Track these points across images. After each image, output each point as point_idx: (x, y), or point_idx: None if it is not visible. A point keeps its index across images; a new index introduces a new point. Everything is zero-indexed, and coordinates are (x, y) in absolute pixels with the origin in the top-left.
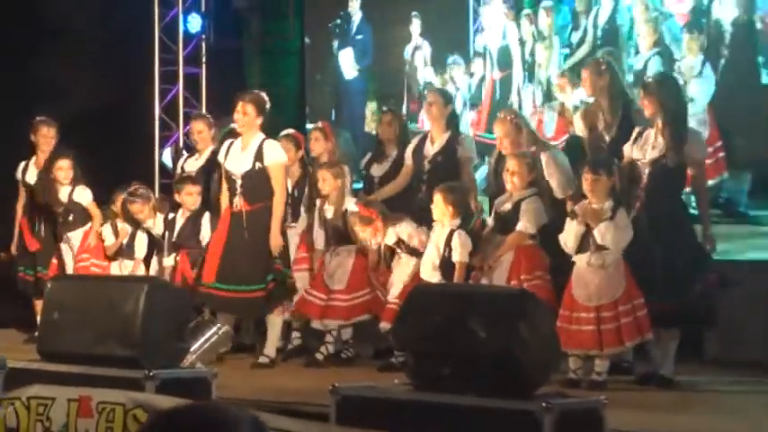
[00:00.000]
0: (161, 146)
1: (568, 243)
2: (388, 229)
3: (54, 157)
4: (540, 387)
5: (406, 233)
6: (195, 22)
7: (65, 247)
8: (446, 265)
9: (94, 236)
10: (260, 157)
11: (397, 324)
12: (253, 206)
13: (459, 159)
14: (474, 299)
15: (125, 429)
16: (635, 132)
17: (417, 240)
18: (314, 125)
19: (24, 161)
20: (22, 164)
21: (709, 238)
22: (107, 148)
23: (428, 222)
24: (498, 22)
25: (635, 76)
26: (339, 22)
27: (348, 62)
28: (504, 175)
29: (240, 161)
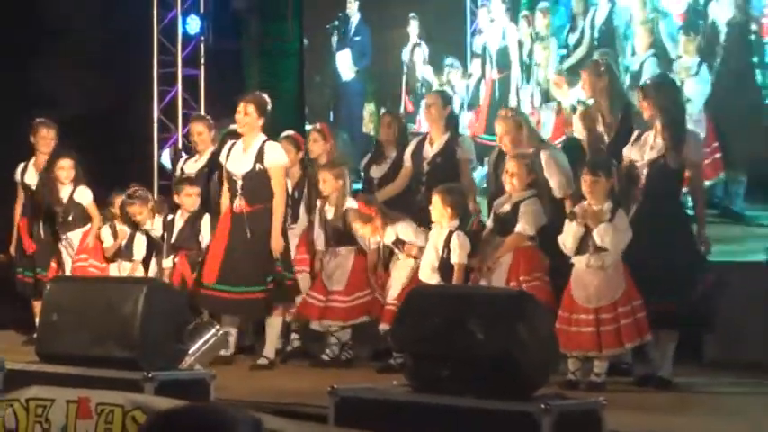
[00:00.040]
0: (160, 147)
1: (567, 244)
2: (387, 229)
3: (56, 156)
4: (539, 388)
5: (405, 233)
6: (194, 24)
7: (64, 246)
8: (445, 267)
9: (93, 237)
10: (261, 158)
11: (395, 325)
12: (253, 207)
13: (459, 161)
14: (473, 300)
15: (124, 430)
16: (634, 135)
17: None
18: (312, 126)
19: (23, 162)
20: (21, 165)
21: (704, 239)
22: (106, 150)
23: (427, 224)
24: (498, 22)
25: (631, 78)
26: (337, 23)
27: (346, 63)
28: (503, 177)
29: (241, 162)
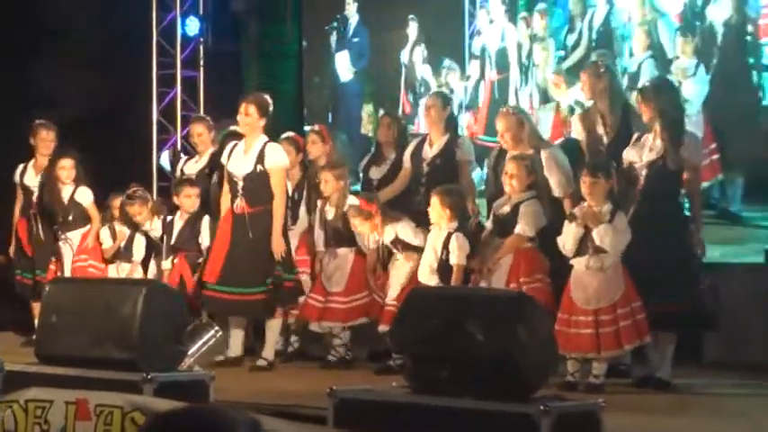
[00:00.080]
0: (159, 149)
1: (567, 246)
2: (386, 227)
3: (57, 156)
4: (538, 390)
5: (404, 232)
6: (193, 26)
7: (64, 246)
8: (444, 268)
9: (93, 237)
10: (261, 159)
11: (394, 327)
12: (254, 208)
13: (458, 162)
14: (472, 302)
15: None
16: (634, 137)
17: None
18: (311, 128)
19: (23, 164)
20: (21, 166)
21: (699, 241)
22: (105, 151)
23: (426, 225)
24: (497, 24)
25: (629, 79)
26: (336, 24)
27: (344, 65)
28: (503, 178)
29: (242, 163)
